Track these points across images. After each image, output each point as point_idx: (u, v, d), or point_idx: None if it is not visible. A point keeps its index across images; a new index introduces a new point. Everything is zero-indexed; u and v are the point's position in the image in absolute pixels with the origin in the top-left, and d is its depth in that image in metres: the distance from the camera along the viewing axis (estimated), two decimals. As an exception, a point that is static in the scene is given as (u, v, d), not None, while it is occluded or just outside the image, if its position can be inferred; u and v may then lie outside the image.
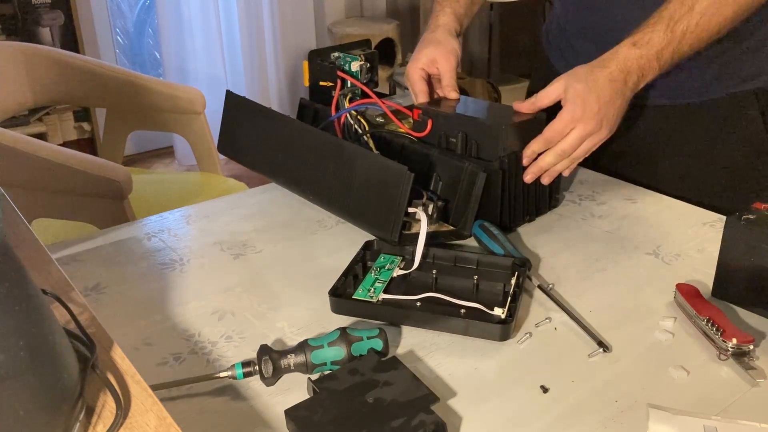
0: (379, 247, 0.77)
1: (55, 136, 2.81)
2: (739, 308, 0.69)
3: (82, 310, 0.52)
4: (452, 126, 0.84)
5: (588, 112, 0.79)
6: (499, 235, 0.78)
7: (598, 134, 0.81)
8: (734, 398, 0.58)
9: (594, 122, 0.80)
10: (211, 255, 0.81)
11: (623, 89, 0.81)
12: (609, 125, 0.82)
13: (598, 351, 0.63)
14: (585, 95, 0.80)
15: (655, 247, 0.82)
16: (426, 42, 0.97)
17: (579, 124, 0.80)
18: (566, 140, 0.81)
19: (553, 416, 0.56)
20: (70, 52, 1.98)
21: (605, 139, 0.82)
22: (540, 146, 0.82)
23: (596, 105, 0.79)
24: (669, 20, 0.81)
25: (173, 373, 0.61)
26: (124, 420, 0.43)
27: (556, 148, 0.81)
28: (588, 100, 0.80)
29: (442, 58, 0.95)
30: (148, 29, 3.27)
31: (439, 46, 0.96)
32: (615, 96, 0.81)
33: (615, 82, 0.80)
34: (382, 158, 0.79)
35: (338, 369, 0.58)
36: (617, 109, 0.82)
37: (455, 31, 1.01)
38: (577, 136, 0.80)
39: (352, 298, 0.68)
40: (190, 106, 1.89)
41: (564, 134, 0.80)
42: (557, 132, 0.81)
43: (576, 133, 0.80)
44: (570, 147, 0.81)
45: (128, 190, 1.46)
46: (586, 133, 0.80)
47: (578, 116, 0.79)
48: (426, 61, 0.95)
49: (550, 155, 0.82)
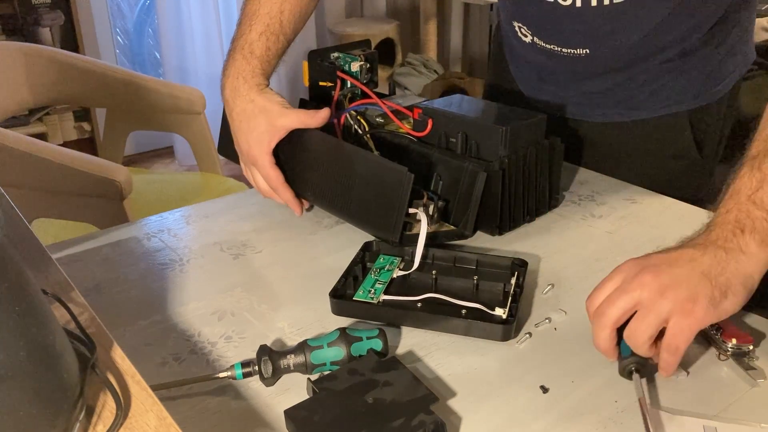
0: (378, 248, 0.77)
1: (55, 136, 2.81)
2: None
3: (82, 310, 0.52)
4: (452, 126, 0.84)
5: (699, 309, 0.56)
6: None
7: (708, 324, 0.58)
8: (734, 398, 0.58)
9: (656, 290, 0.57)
10: (211, 255, 0.81)
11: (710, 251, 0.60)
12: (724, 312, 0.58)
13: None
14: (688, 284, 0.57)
15: (655, 247, 0.81)
16: (248, 115, 0.84)
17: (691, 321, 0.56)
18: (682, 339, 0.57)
19: (553, 416, 0.56)
20: (70, 52, 1.98)
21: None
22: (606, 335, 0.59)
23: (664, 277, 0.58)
24: (752, 160, 0.64)
25: (173, 373, 0.61)
26: (124, 420, 0.43)
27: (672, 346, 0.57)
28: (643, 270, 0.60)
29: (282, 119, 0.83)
30: (148, 29, 3.27)
31: (267, 113, 0.83)
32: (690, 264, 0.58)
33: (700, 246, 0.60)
34: (382, 159, 0.79)
35: (338, 369, 0.58)
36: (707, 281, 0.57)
37: (267, 78, 0.88)
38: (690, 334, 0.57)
39: (352, 300, 0.68)
40: (190, 107, 1.89)
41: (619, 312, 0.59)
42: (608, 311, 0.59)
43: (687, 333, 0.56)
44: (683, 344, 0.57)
45: (128, 190, 1.46)
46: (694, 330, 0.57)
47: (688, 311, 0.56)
48: (272, 136, 0.84)
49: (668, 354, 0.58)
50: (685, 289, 0.57)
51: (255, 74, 0.87)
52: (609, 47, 0.91)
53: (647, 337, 0.57)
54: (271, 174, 0.85)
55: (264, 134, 0.84)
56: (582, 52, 0.93)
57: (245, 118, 0.85)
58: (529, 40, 0.97)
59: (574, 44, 0.93)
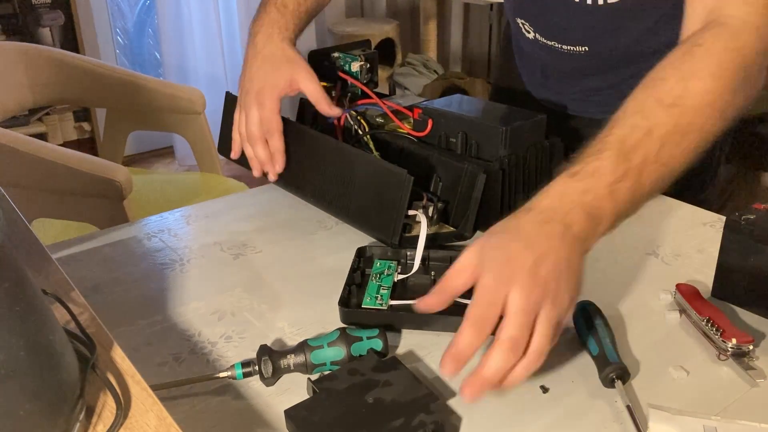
0: (372, 253, 0.77)
1: (55, 136, 2.81)
2: (738, 308, 0.69)
3: (82, 310, 0.52)
4: (452, 126, 0.84)
5: (519, 269, 0.52)
6: (601, 327, 0.63)
7: (550, 304, 0.52)
8: (734, 398, 0.58)
9: (534, 283, 0.52)
10: (211, 255, 0.81)
11: (566, 234, 0.54)
12: (562, 288, 0.53)
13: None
14: (507, 249, 0.54)
15: (655, 247, 0.82)
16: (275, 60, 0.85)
17: (514, 290, 0.52)
18: (509, 322, 0.51)
19: (553, 416, 0.56)
20: (70, 52, 1.98)
21: (567, 310, 0.54)
22: (470, 339, 0.51)
23: (529, 257, 0.53)
24: (620, 145, 0.59)
25: (173, 373, 0.61)
26: (124, 420, 0.43)
27: (502, 341, 0.51)
28: (513, 253, 0.53)
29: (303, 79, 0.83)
30: (148, 29, 3.27)
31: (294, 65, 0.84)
32: (556, 244, 0.54)
33: (548, 224, 0.55)
34: (382, 161, 0.79)
35: (338, 369, 0.58)
36: (566, 264, 0.54)
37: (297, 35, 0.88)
38: (520, 309, 0.51)
39: (361, 308, 0.68)
40: (190, 106, 1.89)
41: (495, 312, 0.52)
42: (484, 312, 0.52)
43: (517, 305, 0.51)
44: (518, 331, 0.51)
45: (128, 190, 1.46)
46: (530, 302, 0.51)
47: (506, 277, 0.52)
48: (286, 86, 0.84)
49: (497, 354, 0.51)
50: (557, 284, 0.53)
51: (288, 28, 0.88)
52: (608, 45, 0.91)
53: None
54: (274, 119, 0.84)
55: (282, 80, 0.84)
56: (581, 50, 0.93)
57: (271, 60, 0.85)
58: (531, 36, 0.97)
59: (573, 41, 0.93)
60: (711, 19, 0.68)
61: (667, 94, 0.62)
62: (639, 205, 0.60)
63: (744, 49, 0.65)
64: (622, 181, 0.57)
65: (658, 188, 0.61)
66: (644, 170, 0.58)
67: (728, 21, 0.66)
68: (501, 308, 0.52)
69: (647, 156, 0.58)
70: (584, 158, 0.59)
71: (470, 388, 0.52)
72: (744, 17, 0.66)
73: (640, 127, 0.60)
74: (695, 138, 0.61)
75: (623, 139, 0.59)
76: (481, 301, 0.52)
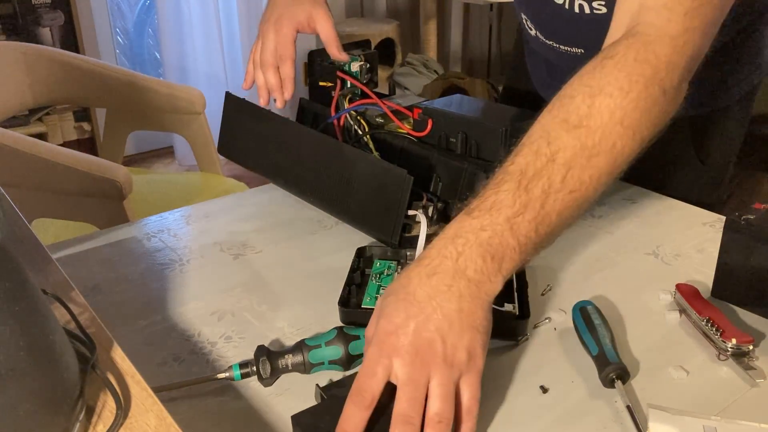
0: (372, 253, 0.77)
1: (55, 136, 2.81)
2: (738, 308, 0.69)
3: (82, 310, 0.52)
4: (452, 126, 0.84)
5: (401, 338, 0.50)
6: (600, 327, 0.63)
7: (441, 366, 0.50)
8: (734, 398, 0.58)
9: (415, 352, 0.50)
10: (211, 255, 0.81)
11: (454, 284, 0.52)
12: (453, 345, 0.51)
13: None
14: (391, 317, 0.51)
15: (655, 247, 0.82)
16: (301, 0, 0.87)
17: (395, 362, 0.50)
18: (397, 397, 0.50)
19: (553, 416, 0.56)
20: (70, 52, 1.98)
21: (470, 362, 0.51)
22: (351, 412, 0.50)
23: (410, 324, 0.50)
24: (520, 176, 0.56)
25: (173, 373, 0.61)
26: (124, 420, 0.43)
27: (394, 417, 0.49)
28: (396, 322, 0.51)
29: (321, 18, 0.85)
30: (148, 29, 3.27)
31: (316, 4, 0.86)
32: (441, 300, 0.51)
33: (435, 276, 0.52)
34: (382, 161, 0.79)
35: (347, 377, 0.58)
36: (457, 317, 0.51)
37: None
38: (404, 383, 0.50)
39: (361, 308, 0.68)
40: (190, 106, 1.89)
41: (375, 383, 0.50)
42: (363, 383, 0.50)
43: (400, 378, 0.50)
44: (406, 404, 0.49)
45: (128, 190, 1.46)
46: (413, 373, 0.50)
47: (388, 348, 0.50)
48: (304, 20, 0.86)
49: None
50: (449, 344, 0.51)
51: None
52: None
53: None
54: (288, 46, 0.87)
55: (301, 14, 0.86)
56: (578, 51, 0.93)
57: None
58: (533, 33, 0.98)
59: (569, 43, 0.93)
60: (630, 27, 0.63)
61: (573, 114, 0.58)
62: (552, 236, 0.57)
63: (656, 60, 0.60)
64: (522, 215, 0.54)
65: (570, 216, 0.57)
66: (547, 200, 0.55)
67: (644, 30, 0.62)
68: (381, 379, 0.50)
69: (551, 184, 0.55)
70: (484, 192, 0.56)
71: None
72: (661, 26, 0.61)
73: (542, 153, 0.56)
74: (604, 160, 0.57)
75: (525, 168, 0.56)
76: (362, 372, 0.51)
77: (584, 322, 0.64)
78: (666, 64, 0.60)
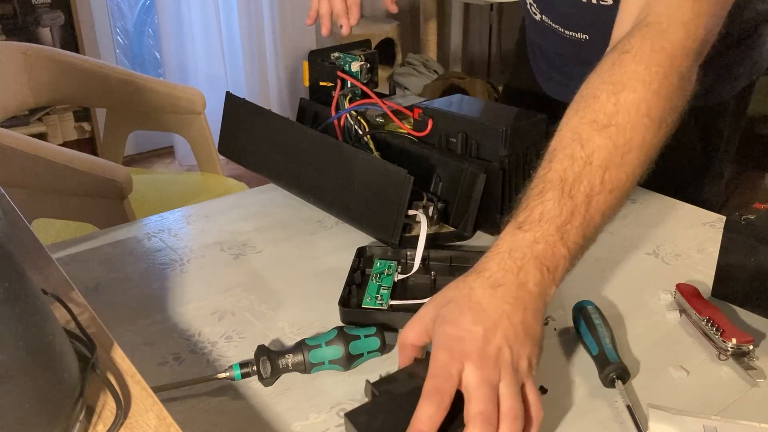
0: (372, 253, 0.77)
1: (55, 136, 2.81)
2: (739, 308, 0.69)
3: (82, 310, 0.52)
4: (452, 126, 0.84)
5: (471, 345, 0.51)
6: (601, 327, 0.63)
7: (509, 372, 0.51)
8: (734, 398, 0.58)
9: (486, 357, 0.51)
10: (211, 255, 0.81)
11: (519, 296, 0.53)
12: (518, 353, 0.52)
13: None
14: (458, 325, 0.52)
15: (655, 247, 0.82)
16: None
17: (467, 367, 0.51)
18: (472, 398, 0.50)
19: (553, 416, 0.56)
20: (70, 52, 1.98)
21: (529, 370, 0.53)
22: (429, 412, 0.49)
23: (479, 331, 0.52)
24: (561, 183, 0.57)
25: (173, 373, 0.61)
26: (124, 420, 0.43)
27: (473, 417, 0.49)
28: (464, 328, 0.52)
29: None
30: (148, 29, 3.27)
31: None
32: (508, 309, 0.53)
33: (500, 288, 0.54)
34: (382, 161, 0.79)
35: (397, 371, 0.56)
36: (521, 327, 0.53)
37: None
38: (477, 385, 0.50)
39: (361, 308, 0.68)
40: (190, 106, 1.89)
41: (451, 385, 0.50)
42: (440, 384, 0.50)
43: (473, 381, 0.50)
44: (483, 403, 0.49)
45: (128, 190, 1.46)
46: (485, 376, 0.50)
47: (458, 353, 0.51)
48: None
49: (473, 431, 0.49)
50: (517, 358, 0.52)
51: None
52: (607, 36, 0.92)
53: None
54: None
55: None
56: (582, 37, 0.93)
57: None
58: (539, 18, 0.98)
59: (574, 28, 0.93)
60: (640, 17, 0.64)
61: (600, 114, 0.59)
62: (593, 238, 0.59)
63: (672, 48, 0.61)
64: (570, 222, 0.56)
65: (612, 214, 0.59)
66: (591, 203, 0.57)
67: (656, 20, 0.63)
68: (456, 381, 0.50)
69: (592, 188, 0.57)
70: (528, 202, 0.57)
71: None
72: (671, 13, 0.62)
73: (578, 157, 0.57)
74: (636, 155, 0.59)
75: (563, 175, 0.57)
76: (436, 373, 0.51)
77: (584, 321, 0.64)
78: (681, 50, 0.62)
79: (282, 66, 3.24)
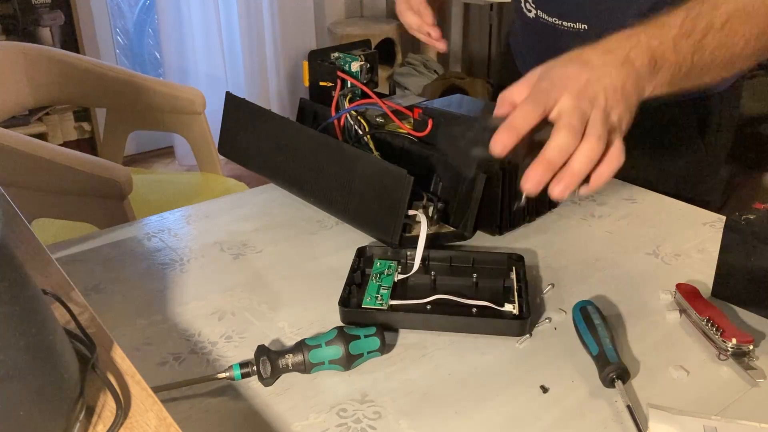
0: (372, 253, 0.77)
1: (55, 136, 2.81)
2: (739, 308, 0.69)
3: (82, 310, 0.52)
4: (452, 126, 0.84)
5: (573, 83, 0.57)
6: (601, 327, 0.63)
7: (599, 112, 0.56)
8: (734, 398, 0.58)
9: (584, 94, 0.57)
10: (211, 255, 0.81)
11: (625, 65, 0.59)
12: (611, 105, 0.57)
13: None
14: (564, 68, 0.59)
15: (655, 247, 0.82)
16: None
17: (564, 96, 0.57)
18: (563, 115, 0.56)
19: (553, 416, 0.56)
20: (70, 52, 1.98)
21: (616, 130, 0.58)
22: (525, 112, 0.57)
23: (583, 75, 0.57)
24: (687, 10, 0.62)
25: (173, 373, 0.61)
26: (124, 420, 0.43)
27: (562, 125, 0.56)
28: (569, 71, 0.58)
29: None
30: (148, 29, 3.27)
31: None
32: (612, 70, 0.58)
33: (610, 53, 0.59)
34: (382, 161, 0.79)
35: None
36: (620, 89, 0.58)
37: None
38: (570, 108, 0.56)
39: (361, 308, 0.68)
40: (190, 106, 1.90)
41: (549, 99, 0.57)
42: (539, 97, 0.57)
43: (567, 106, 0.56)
44: (573, 118, 0.56)
45: (128, 190, 1.46)
46: (578, 105, 0.56)
47: (560, 86, 0.57)
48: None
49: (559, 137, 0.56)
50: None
51: None
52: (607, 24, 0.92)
53: None
54: (424, 11, 0.96)
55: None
56: (581, 27, 0.93)
57: None
58: (533, 15, 0.98)
59: (574, 17, 0.93)
60: None
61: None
62: (700, 73, 0.63)
63: None
64: (687, 38, 0.61)
65: (720, 62, 0.63)
66: (707, 35, 0.62)
67: None
68: (552, 104, 0.56)
69: (712, 25, 0.62)
70: (654, 18, 0.62)
71: (558, 184, 0.57)
72: None
73: (708, 1, 0.63)
74: (760, 23, 0.63)
75: (691, 6, 0.63)
76: (536, 90, 0.58)
77: (584, 321, 0.64)
78: None
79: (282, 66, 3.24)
